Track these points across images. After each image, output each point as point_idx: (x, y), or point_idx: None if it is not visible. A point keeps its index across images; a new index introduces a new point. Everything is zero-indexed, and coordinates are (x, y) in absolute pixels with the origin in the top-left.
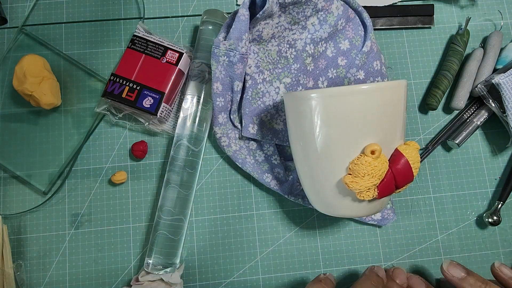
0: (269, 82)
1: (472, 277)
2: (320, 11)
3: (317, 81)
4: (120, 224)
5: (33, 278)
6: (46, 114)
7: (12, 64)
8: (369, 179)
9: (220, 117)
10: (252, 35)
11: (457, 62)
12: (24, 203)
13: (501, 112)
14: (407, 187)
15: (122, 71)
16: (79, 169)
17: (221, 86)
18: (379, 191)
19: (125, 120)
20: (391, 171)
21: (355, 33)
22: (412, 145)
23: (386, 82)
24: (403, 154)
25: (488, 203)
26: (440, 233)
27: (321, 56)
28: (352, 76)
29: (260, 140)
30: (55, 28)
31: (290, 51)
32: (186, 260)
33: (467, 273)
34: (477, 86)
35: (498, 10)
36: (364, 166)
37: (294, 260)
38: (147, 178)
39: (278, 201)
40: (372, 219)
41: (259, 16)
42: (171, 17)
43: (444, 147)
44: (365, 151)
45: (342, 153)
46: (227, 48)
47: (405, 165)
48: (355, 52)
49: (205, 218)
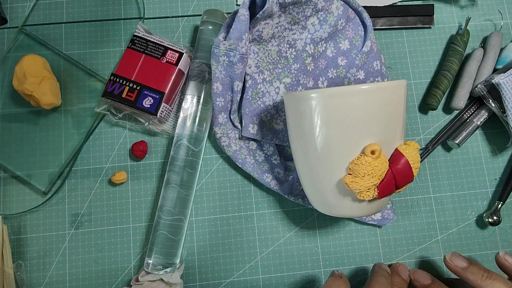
0: (269, 82)
1: (475, 266)
2: (320, 11)
3: (317, 81)
4: (120, 224)
5: (33, 278)
6: (46, 114)
7: (12, 64)
8: (369, 179)
9: (220, 117)
10: (252, 35)
11: (457, 62)
12: (24, 203)
13: (501, 112)
14: (407, 187)
15: (122, 71)
16: (79, 169)
17: (221, 86)
18: (379, 191)
19: (125, 120)
20: (391, 171)
21: (355, 33)
22: (412, 145)
23: (386, 82)
24: (403, 154)
25: (488, 203)
26: (440, 233)
27: (321, 56)
28: (352, 76)
29: (260, 140)
30: (55, 28)
31: (290, 51)
32: (186, 260)
33: (470, 263)
34: (477, 86)
35: (498, 10)
36: (364, 166)
37: (294, 260)
38: (147, 178)
39: (278, 201)
40: (372, 219)
41: (259, 16)
42: (171, 17)
43: (444, 147)
44: (365, 151)
45: (342, 153)
46: (227, 48)
47: (405, 165)
48: (355, 52)
49: (205, 218)
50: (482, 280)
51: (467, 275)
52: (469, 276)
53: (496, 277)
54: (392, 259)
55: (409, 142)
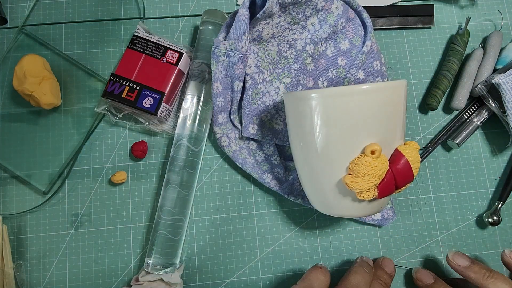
0: (269, 82)
1: (477, 265)
2: (320, 11)
3: (317, 81)
4: (120, 224)
5: (33, 278)
6: (46, 114)
7: (12, 64)
8: (369, 179)
9: (220, 117)
10: (252, 35)
11: (457, 62)
12: (24, 203)
13: (501, 112)
14: (407, 187)
15: (122, 71)
16: (79, 169)
17: (221, 86)
18: (379, 191)
19: (125, 120)
20: (391, 171)
21: (355, 33)
22: (412, 145)
23: (386, 82)
24: (403, 154)
25: (488, 203)
26: (440, 233)
27: (321, 56)
28: (352, 76)
29: (260, 140)
30: (55, 28)
31: (290, 51)
32: (186, 260)
33: (472, 262)
34: (477, 86)
35: (498, 10)
36: (364, 166)
37: (294, 260)
38: (147, 178)
39: (278, 201)
40: (372, 219)
41: (259, 16)
42: (171, 17)
43: (444, 147)
44: (365, 151)
45: (342, 153)
46: (227, 48)
47: (405, 165)
48: (355, 52)
49: (205, 218)
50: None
51: (469, 273)
52: (471, 275)
53: (498, 276)
54: (392, 259)
55: (409, 142)
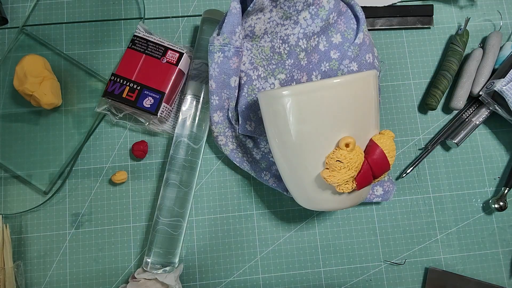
0: (264, 79)
1: None
2: (311, 5)
3: (311, 75)
4: (120, 224)
5: (34, 278)
6: (46, 114)
7: (12, 64)
8: (346, 172)
9: (215, 115)
10: (244, 31)
11: (457, 62)
12: (25, 203)
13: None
14: (385, 175)
15: (122, 71)
16: (79, 169)
17: (215, 84)
18: (357, 182)
19: (125, 120)
20: (367, 162)
21: (347, 27)
22: (387, 134)
23: (355, 74)
24: (377, 145)
25: (488, 203)
26: (439, 232)
27: (314, 50)
28: (345, 67)
29: (257, 137)
30: (55, 28)
31: (283, 47)
32: (186, 259)
33: None
34: (480, 96)
35: (498, 10)
36: (339, 160)
37: (294, 260)
38: (147, 178)
39: (278, 201)
40: (376, 195)
41: (250, 9)
42: (171, 17)
43: (443, 146)
44: (339, 145)
45: (318, 148)
46: (221, 44)
47: (380, 155)
48: (348, 44)
49: (205, 218)
50: None
51: None
52: None
53: None
54: (392, 259)
55: (384, 131)
